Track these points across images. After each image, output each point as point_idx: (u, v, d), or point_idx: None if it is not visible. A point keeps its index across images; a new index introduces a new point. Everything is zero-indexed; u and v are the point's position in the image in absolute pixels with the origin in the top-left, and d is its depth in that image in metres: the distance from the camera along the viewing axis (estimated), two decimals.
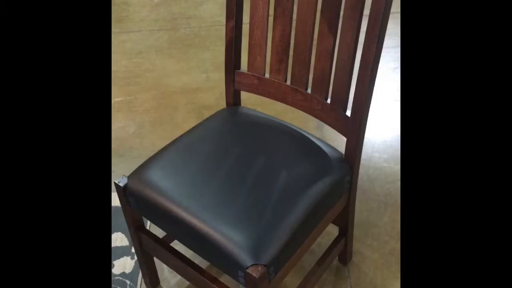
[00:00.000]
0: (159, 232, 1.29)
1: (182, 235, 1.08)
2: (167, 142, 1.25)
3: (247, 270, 0.95)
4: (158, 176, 1.13)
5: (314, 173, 1.13)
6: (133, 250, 1.50)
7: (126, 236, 1.55)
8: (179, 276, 1.43)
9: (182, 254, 1.19)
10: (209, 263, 1.44)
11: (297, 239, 1.05)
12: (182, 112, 2.04)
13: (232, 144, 1.20)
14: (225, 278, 1.38)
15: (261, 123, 1.28)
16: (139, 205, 1.14)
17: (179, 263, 1.18)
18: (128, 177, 1.17)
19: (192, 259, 1.18)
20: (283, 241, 1.01)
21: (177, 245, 1.22)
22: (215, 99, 2.09)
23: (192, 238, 1.05)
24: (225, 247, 0.99)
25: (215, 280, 1.12)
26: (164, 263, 1.27)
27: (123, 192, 1.15)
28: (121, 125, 1.99)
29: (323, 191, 1.10)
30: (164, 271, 1.45)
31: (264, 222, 1.02)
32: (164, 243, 1.22)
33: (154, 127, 1.97)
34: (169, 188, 1.09)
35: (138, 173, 1.16)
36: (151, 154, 1.22)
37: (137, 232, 1.25)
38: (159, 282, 1.42)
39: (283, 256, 1.01)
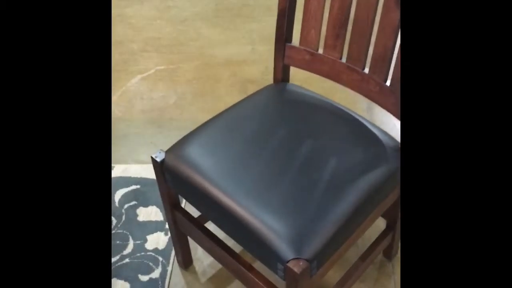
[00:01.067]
0: (194, 211, 1.23)
1: (219, 218, 1.01)
2: (209, 115, 1.17)
3: (288, 264, 0.87)
4: (197, 153, 1.05)
5: (367, 161, 1.03)
6: (167, 226, 1.45)
7: (161, 210, 1.50)
8: (212, 257, 1.37)
9: (217, 238, 1.12)
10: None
11: (343, 233, 0.96)
12: (225, 84, 1.95)
13: (279, 124, 1.11)
14: (258, 265, 1.31)
15: (310, 102, 1.18)
16: (176, 182, 1.08)
17: (214, 246, 1.11)
18: (166, 151, 1.10)
19: (225, 241, 1.11)
20: (329, 234, 0.92)
21: (211, 224, 1.15)
22: (260, 73, 1.99)
23: (230, 223, 0.97)
24: (265, 236, 0.91)
25: (251, 269, 1.05)
26: (198, 244, 1.21)
27: (160, 167, 1.09)
28: (161, 95, 1.93)
29: (375, 182, 1.00)
30: (197, 250, 1.39)
31: (309, 212, 0.93)
32: (199, 224, 1.16)
33: (195, 99, 1.90)
34: (208, 168, 1.02)
35: (176, 149, 1.09)
36: (191, 127, 1.14)
37: (172, 210, 1.18)
38: (192, 262, 1.36)
39: (327, 251, 0.93)
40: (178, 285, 1.32)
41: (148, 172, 1.61)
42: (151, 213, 1.49)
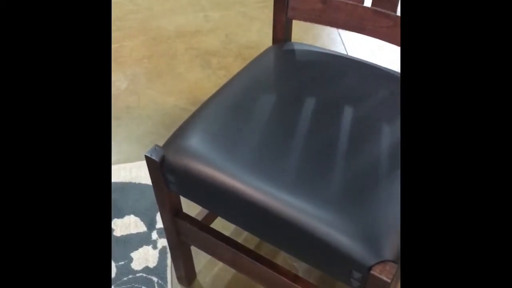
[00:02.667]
0: (193, 211, 0.98)
1: (257, 225, 0.77)
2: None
3: (373, 272, 0.66)
4: (207, 144, 0.80)
5: None
6: (153, 237, 1.18)
7: (142, 219, 1.22)
8: (217, 267, 1.13)
9: (238, 243, 0.88)
10: (258, 241, 1.15)
11: None
12: (183, 60, 1.67)
13: (301, 93, 0.88)
14: (281, 259, 1.09)
15: (331, 62, 0.95)
16: (184, 185, 0.82)
17: (233, 252, 0.87)
18: (164, 147, 0.83)
19: (233, 237, 0.88)
20: None
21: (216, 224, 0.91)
22: (220, 42, 1.73)
23: (276, 230, 0.74)
24: (330, 239, 0.69)
25: (296, 279, 0.83)
26: (208, 253, 0.96)
27: (159, 168, 0.82)
28: None
29: None
30: (199, 261, 1.14)
31: (375, 201, 0.72)
32: (210, 230, 0.91)
33: (151, 81, 1.60)
34: (230, 160, 0.77)
35: (176, 142, 0.82)
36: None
37: (174, 219, 0.92)
38: (195, 276, 1.11)
39: None
40: None
41: (114, 175, 1.31)
42: (130, 224, 1.21)
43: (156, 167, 0.82)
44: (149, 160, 0.82)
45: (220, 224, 1.02)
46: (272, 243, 0.78)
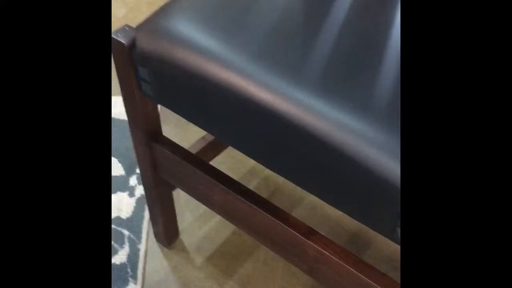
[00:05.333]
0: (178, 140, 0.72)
1: (271, 143, 0.51)
2: None
3: None
4: (200, 26, 0.54)
5: None
6: (131, 182, 0.94)
7: (120, 161, 0.97)
8: (207, 226, 0.88)
9: (236, 181, 0.63)
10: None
11: None
12: None
13: None
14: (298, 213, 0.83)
15: None
16: (163, 86, 0.56)
17: (228, 193, 0.62)
18: (137, 28, 0.58)
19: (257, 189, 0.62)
20: None
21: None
22: None
23: (296, 148, 0.48)
24: (378, 166, 0.43)
25: (310, 233, 0.57)
26: (194, 196, 0.71)
27: (128, 55, 0.57)
28: None
29: None
30: (185, 219, 0.89)
31: None
32: (198, 162, 0.65)
33: (154, 10, 1.35)
34: (232, 48, 0.52)
35: (155, 21, 0.57)
36: None
37: (150, 145, 0.67)
38: (178, 235, 0.86)
39: None
40: (159, 272, 0.82)
41: None
42: None
43: (123, 53, 0.56)
44: (114, 44, 0.57)
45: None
46: (286, 174, 0.52)
